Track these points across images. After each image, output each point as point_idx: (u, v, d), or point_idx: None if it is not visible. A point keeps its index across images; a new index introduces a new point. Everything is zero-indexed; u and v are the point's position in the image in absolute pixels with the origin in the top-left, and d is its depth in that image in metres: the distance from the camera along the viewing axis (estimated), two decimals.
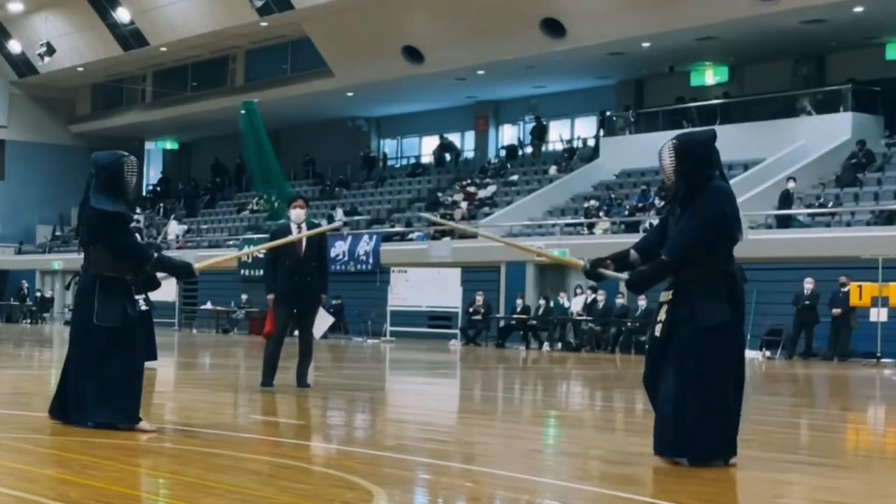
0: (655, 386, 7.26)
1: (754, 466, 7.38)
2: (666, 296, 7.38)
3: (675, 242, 7.18)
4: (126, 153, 8.43)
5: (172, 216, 47.23)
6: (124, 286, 8.26)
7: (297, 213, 12.64)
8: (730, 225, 7.21)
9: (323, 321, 13.01)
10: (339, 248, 35.22)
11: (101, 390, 8.05)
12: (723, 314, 7.20)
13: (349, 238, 35.83)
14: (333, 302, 34.37)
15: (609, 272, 7.54)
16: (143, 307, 16.53)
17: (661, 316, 7.31)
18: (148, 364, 15.80)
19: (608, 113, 37.05)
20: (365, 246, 35.14)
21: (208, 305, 39.08)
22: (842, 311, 24.85)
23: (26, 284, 46.15)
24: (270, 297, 12.50)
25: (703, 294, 7.19)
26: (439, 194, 38.95)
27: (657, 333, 7.31)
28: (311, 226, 13.12)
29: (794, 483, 6.92)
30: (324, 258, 12.72)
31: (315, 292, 12.49)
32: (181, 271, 8.68)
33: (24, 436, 7.82)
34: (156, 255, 8.50)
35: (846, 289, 24.88)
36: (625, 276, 7.55)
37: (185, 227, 45.49)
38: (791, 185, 28.08)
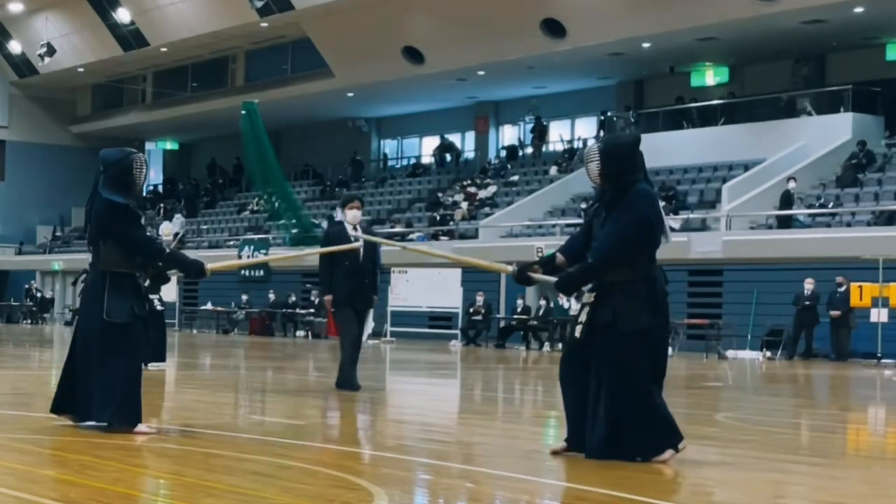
0: (575, 386, 7.33)
1: (754, 466, 7.38)
2: (588, 297, 7.42)
3: (601, 245, 7.26)
4: (134, 150, 8.44)
5: (159, 219, 47.20)
6: (133, 284, 8.23)
7: (353, 214, 12.54)
8: (653, 228, 7.33)
9: (368, 324, 12.98)
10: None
11: (105, 390, 8.03)
12: (644, 319, 7.19)
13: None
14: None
15: (538, 276, 7.59)
16: (159, 307, 16.55)
17: (583, 317, 7.36)
18: (157, 365, 15.88)
19: (608, 113, 37.06)
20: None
21: (209, 306, 39.08)
22: (840, 312, 24.88)
23: (35, 284, 46.01)
24: (328, 297, 12.41)
25: (624, 298, 7.22)
26: (440, 195, 38.95)
27: (577, 335, 7.37)
28: (309, 228, 13.10)
29: (794, 483, 6.93)
30: (378, 260, 12.70)
31: (370, 294, 12.48)
32: (192, 268, 8.65)
33: (25, 436, 7.83)
34: (168, 249, 8.51)
35: (843, 289, 24.91)
36: (554, 279, 7.56)
37: (179, 228, 45.41)
38: (791, 185, 28.07)
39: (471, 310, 30.98)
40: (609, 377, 7.15)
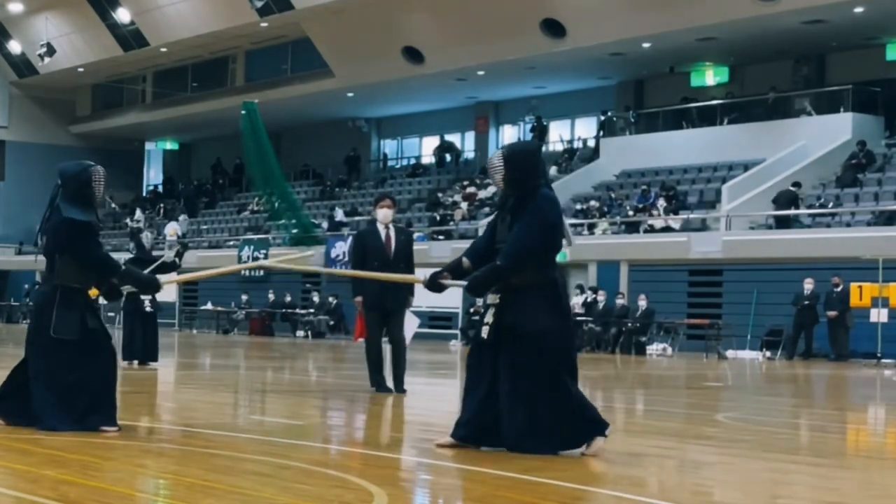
0: (485, 384, 7.48)
1: (754, 466, 7.38)
2: (493, 299, 7.59)
3: (508, 248, 7.44)
4: (92, 163, 8.37)
5: (159, 219, 47.23)
6: (85, 299, 8.20)
7: (384, 213, 12.34)
8: (556, 233, 7.55)
9: (410, 324, 12.75)
10: (339, 249, 35.21)
11: (59, 400, 7.98)
12: (548, 321, 7.39)
13: (349, 238, 35.82)
14: (331, 300, 34.43)
15: (448, 282, 7.83)
16: (149, 309, 16.63)
17: (489, 318, 7.54)
18: (149, 365, 15.93)
19: (608, 113, 37.06)
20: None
21: (209, 306, 39.09)
22: (837, 312, 24.89)
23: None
24: (358, 299, 12.21)
25: (529, 301, 7.42)
26: (439, 195, 38.95)
27: (483, 335, 7.54)
28: (309, 228, 13.05)
29: (794, 483, 6.92)
30: (411, 259, 12.36)
31: (402, 294, 12.18)
32: (148, 286, 8.62)
33: (25, 436, 7.83)
34: (123, 266, 8.41)
35: (839, 289, 24.93)
36: (464, 282, 7.77)
37: (183, 229, 45.41)
38: (794, 189, 28.08)
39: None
40: (522, 378, 7.33)
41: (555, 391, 7.34)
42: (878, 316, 24.52)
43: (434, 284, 7.89)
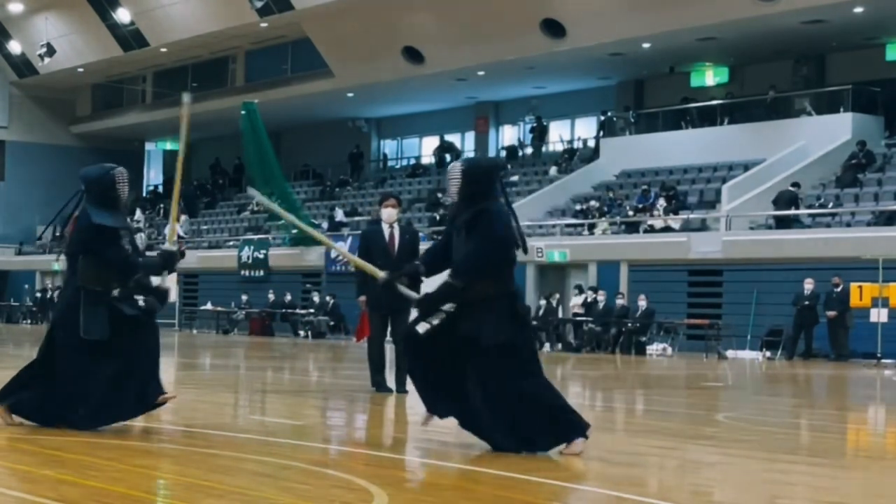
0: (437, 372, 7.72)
1: (754, 466, 7.38)
2: (448, 306, 7.76)
3: (460, 265, 7.58)
4: (114, 165, 8.40)
5: (159, 218, 47.18)
6: (108, 296, 8.23)
7: (388, 213, 12.26)
8: (509, 247, 7.66)
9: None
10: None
11: (87, 399, 8.06)
12: (506, 332, 7.51)
13: (349, 238, 35.82)
14: (329, 300, 34.42)
15: (403, 289, 7.97)
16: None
17: (435, 321, 7.81)
18: None
19: (608, 113, 37.06)
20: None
21: (208, 306, 39.08)
22: (836, 312, 24.89)
23: (50, 285, 45.56)
24: (362, 298, 12.10)
25: (489, 313, 7.52)
26: (439, 195, 38.96)
27: (420, 330, 7.80)
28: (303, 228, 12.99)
29: (794, 483, 6.93)
30: (416, 258, 12.30)
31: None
32: (168, 261, 8.60)
33: (25, 436, 7.83)
34: (140, 261, 8.42)
35: (839, 289, 24.93)
36: (415, 295, 7.95)
37: (184, 230, 45.38)
38: (794, 189, 28.08)
39: None
40: (495, 388, 7.47)
41: (527, 397, 7.51)
42: (878, 316, 24.51)
43: (388, 285, 7.99)
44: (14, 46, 48.05)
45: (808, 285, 25.29)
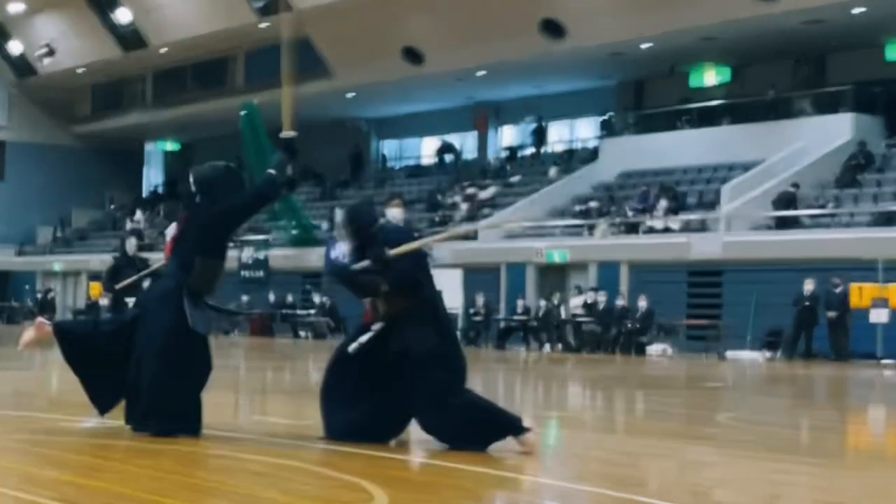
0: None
1: (754, 466, 7.38)
2: (377, 325, 8.04)
3: (396, 283, 8.06)
4: (226, 162, 8.96)
5: (159, 220, 47.19)
6: (206, 302, 8.47)
7: (392, 213, 12.33)
8: (420, 259, 8.28)
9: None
10: (339, 250, 35.04)
11: (178, 399, 8.09)
12: (435, 338, 7.86)
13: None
14: (325, 300, 34.42)
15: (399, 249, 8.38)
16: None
17: (364, 339, 8.03)
18: None
19: (608, 114, 37.05)
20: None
21: None
22: (837, 313, 24.89)
23: (54, 289, 45.34)
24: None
25: (412, 325, 7.88)
26: (438, 196, 38.96)
27: (350, 350, 8.05)
28: (309, 229, 12.96)
29: (794, 483, 6.93)
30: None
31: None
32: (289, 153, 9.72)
33: (25, 437, 7.83)
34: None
35: (838, 290, 24.92)
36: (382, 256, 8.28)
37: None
38: (793, 189, 28.08)
39: (471, 311, 30.97)
40: (429, 394, 7.75)
41: (461, 400, 7.81)
42: (878, 316, 24.52)
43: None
44: (14, 46, 48.04)
45: (808, 286, 25.29)
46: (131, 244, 17.64)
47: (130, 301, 16.55)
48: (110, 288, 16.86)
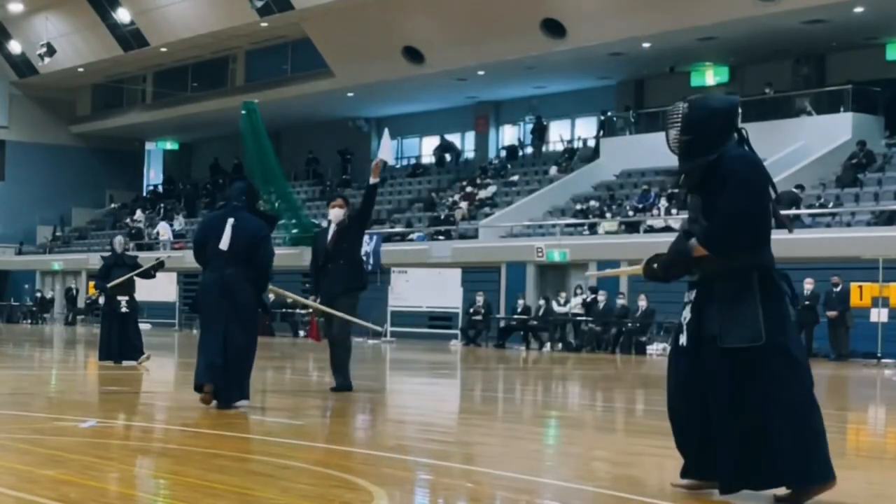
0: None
1: None
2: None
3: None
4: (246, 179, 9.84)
5: (159, 218, 47.19)
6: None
7: (334, 213, 12.33)
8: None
9: (386, 143, 13.43)
10: None
11: (247, 371, 10.19)
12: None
13: None
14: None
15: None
16: (125, 309, 16.81)
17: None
18: (130, 363, 16.08)
19: (608, 113, 37.05)
20: (365, 246, 35.05)
21: None
22: (837, 312, 24.89)
23: (76, 286, 45.08)
24: (314, 298, 12.14)
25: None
26: (436, 195, 38.97)
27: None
28: (308, 228, 13.03)
29: None
30: (352, 252, 12.19)
31: (335, 288, 11.99)
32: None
33: (25, 436, 7.83)
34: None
35: (838, 289, 24.93)
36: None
37: (177, 226, 45.30)
38: (797, 190, 28.06)
39: (471, 310, 30.97)
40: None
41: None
42: (879, 316, 24.51)
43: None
44: (14, 46, 48.06)
45: (808, 285, 25.28)
46: (119, 243, 17.73)
47: (123, 299, 16.69)
48: (103, 287, 16.96)
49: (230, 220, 10.19)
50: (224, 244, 10.17)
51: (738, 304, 5.79)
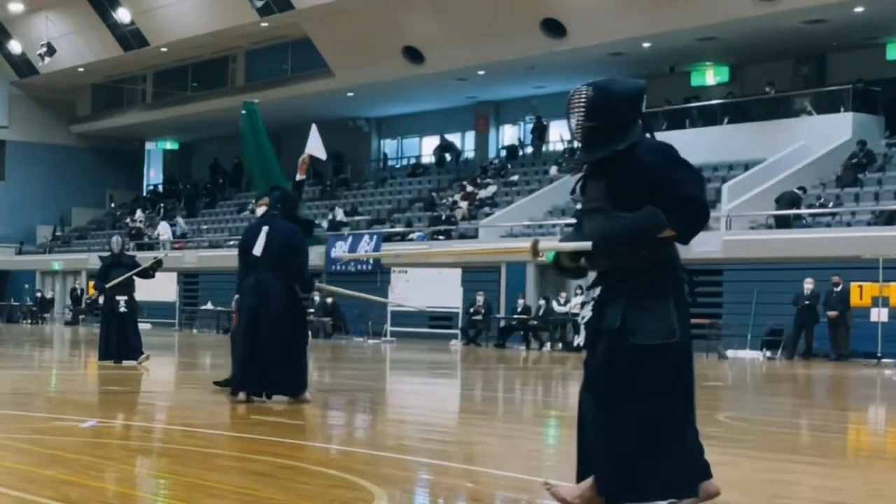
0: None
1: (754, 466, 7.38)
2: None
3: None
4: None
5: (159, 218, 47.20)
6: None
7: (261, 212, 12.43)
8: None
9: (314, 138, 13.92)
10: (339, 249, 35.21)
11: (298, 366, 10.83)
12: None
13: (350, 238, 35.85)
14: (328, 300, 34.40)
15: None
16: (123, 309, 16.86)
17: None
18: (131, 363, 16.10)
19: None
20: (365, 246, 35.12)
21: (209, 306, 39.06)
22: (837, 312, 24.88)
23: (80, 286, 44.96)
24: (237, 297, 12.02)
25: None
26: (435, 195, 38.97)
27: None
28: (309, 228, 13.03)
29: (794, 483, 6.92)
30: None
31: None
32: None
33: (25, 436, 7.83)
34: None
35: (839, 288, 24.92)
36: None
37: (177, 228, 45.30)
38: (798, 191, 28.06)
39: (471, 310, 30.96)
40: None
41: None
42: (879, 316, 24.50)
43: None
44: (14, 46, 48.05)
45: (809, 285, 25.29)
46: (117, 243, 17.77)
47: (122, 299, 16.73)
48: (102, 287, 17.01)
49: (265, 228, 11.20)
50: (258, 250, 11.12)
51: (649, 300, 5.41)
